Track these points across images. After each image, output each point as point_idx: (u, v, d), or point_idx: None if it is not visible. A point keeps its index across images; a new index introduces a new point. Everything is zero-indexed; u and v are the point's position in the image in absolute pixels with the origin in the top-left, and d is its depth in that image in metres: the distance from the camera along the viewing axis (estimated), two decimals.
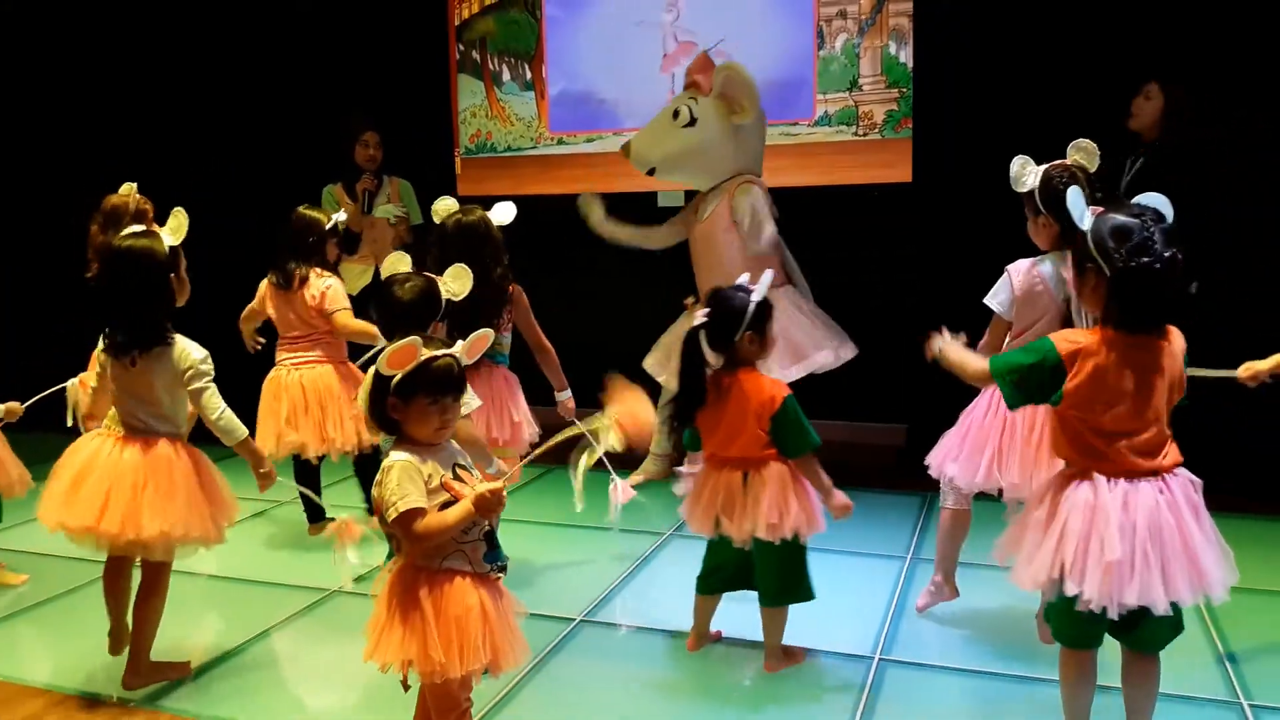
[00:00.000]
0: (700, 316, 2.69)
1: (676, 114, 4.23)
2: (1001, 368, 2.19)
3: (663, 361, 4.21)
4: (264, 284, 3.82)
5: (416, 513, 1.99)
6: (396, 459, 2.03)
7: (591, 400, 3.12)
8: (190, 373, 2.66)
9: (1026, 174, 2.74)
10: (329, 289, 3.70)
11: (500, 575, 2.15)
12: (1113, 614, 2.06)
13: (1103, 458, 2.10)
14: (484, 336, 2.15)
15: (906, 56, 4.95)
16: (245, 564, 3.73)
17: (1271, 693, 2.65)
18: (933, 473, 2.93)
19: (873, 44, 5.01)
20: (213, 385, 2.70)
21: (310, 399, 3.67)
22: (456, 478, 2.09)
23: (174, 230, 2.74)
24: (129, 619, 2.80)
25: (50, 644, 3.11)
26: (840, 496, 2.70)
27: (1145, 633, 2.15)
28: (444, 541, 2.04)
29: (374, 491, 2.05)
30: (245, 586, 3.56)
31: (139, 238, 2.71)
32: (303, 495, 3.94)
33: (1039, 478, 2.54)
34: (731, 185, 4.20)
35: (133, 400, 2.68)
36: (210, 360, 2.71)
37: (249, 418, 3.72)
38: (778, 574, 2.72)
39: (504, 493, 2.02)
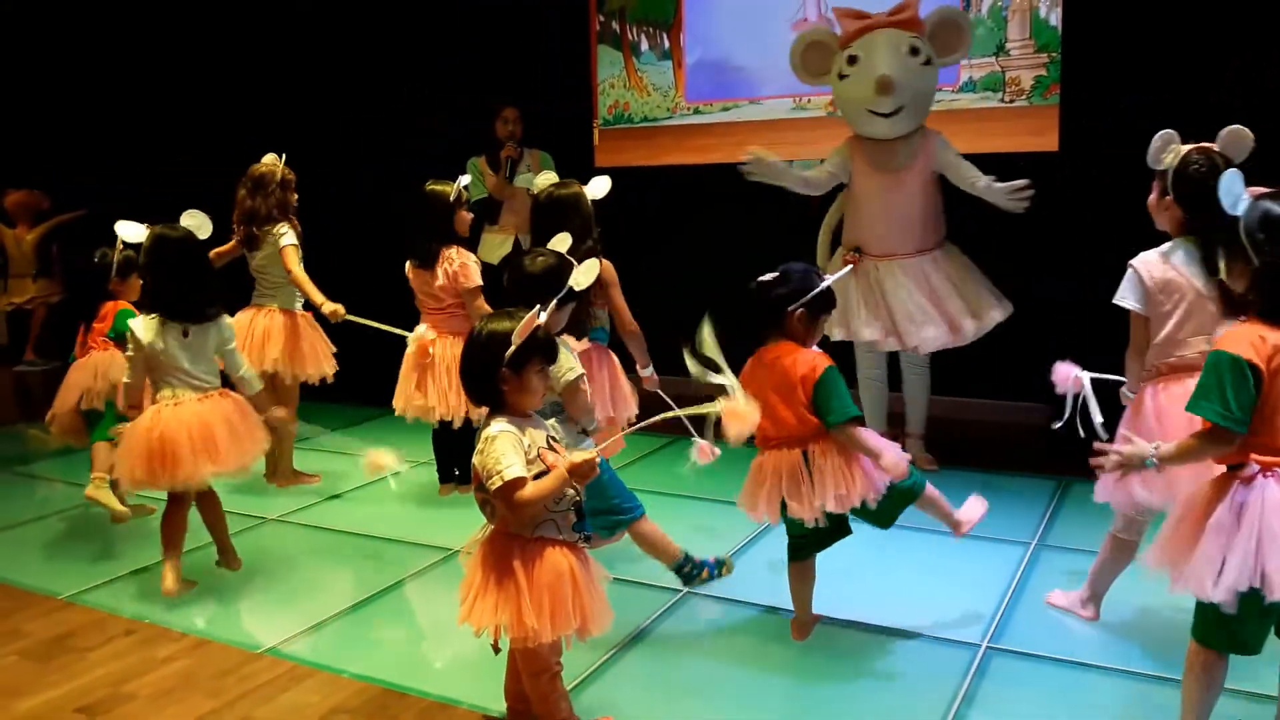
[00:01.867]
0: (766, 277, 2.70)
1: (915, 50, 4.06)
2: (1219, 407, 1.99)
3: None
4: (408, 264, 3.96)
5: (519, 481, 2.07)
6: (500, 429, 2.11)
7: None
8: (229, 335, 3.26)
9: (1167, 152, 2.61)
10: (463, 266, 3.82)
11: (587, 544, 2.22)
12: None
13: (1268, 456, 1.99)
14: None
15: (1057, 19, 4.68)
16: (376, 521, 3.95)
17: None
18: (1100, 497, 2.72)
19: (1022, 6, 4.77)
20: (235, 343, 3.32)
21: (439, 367, 3.84)
22: (549, 447, 2.17)
23: (198, 228, 3.22)
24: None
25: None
26: (890, 454, 2.59)
27: None
28: (539, 510, 2.12)
29: (475, 460, 2.14)
30: (374, 543, 3.76)
31: (176, 228, 3.19)
32: (438, 459, 4.15)
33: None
34: (930, 139, 4.14)
35: (192, 366, 3.16)
36: (232, 324, 3.32)
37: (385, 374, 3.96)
38: (881, 515, 2.71)
39: (597, 462, 2.10)
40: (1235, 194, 2.03)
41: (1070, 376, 2.65)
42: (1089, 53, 4.58)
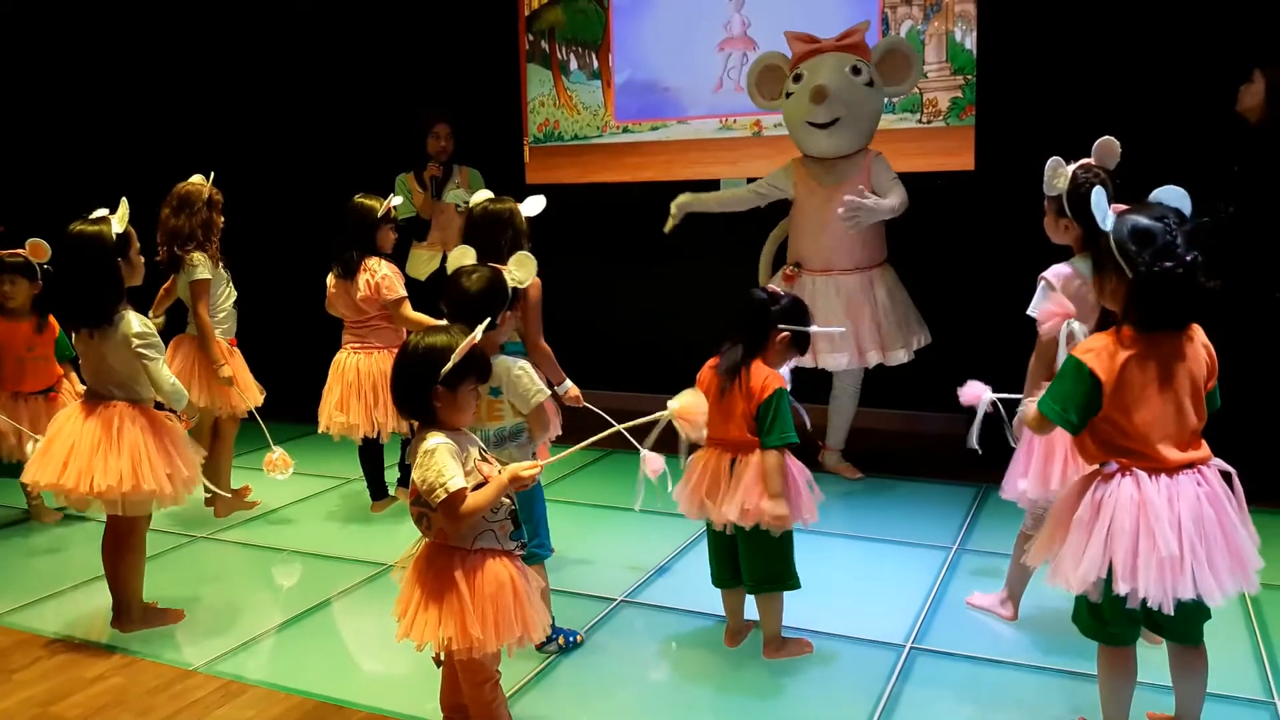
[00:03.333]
0: (764, 292, 2.77)
1: (857, 70, 4.20)
2: (1055, 405, 2.15)
3: None
4: (330, 275, 3.98)
5: (462, 493, 2.10)
6: (438, 442, 2.13)
7: (654, 385, 3.18)
8: (137, 344, 2.94)
9: (1059, 177, 2.75)
10: (384, 278, 3.83)
11: (520, 552, 2.27)
12: (1168, 609, 2.06)
13: (1139, 456, 2.10)
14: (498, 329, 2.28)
15: (971, 43, 4.89)
16: (307, 538, 3.94)
17: None
18: (1005, 496, 2.89)
19: (938, 30, 4.97)
20: (159, 356, 2.98)
21: (364, 383, 3.85)
22: (482, 458, 2.22)
23: (120, 218, 2.99)
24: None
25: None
26: (779, 507, 2.63)
27: (1180, 624, 2.15)
28: (478, 520, 2.16)
29: (415, 475, 2.16)
30: (306, 559, 3.75)
31: (89, 224, 2.97)
32: (367, 475, 4.15)
33: None
34: (869, 156, 4.28)
35: (93, 370, 3.00)
36: (153, 333, 2.98)
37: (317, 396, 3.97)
38: (757, 561, 2.76)
39: (540, 470, 2.21)
40: (1103, 210, 2.12)
41: (978, 395, 2.74)
42: (1003, 76, 4.78)
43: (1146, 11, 4.39)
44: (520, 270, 2.71)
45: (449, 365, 2.14)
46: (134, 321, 2.96)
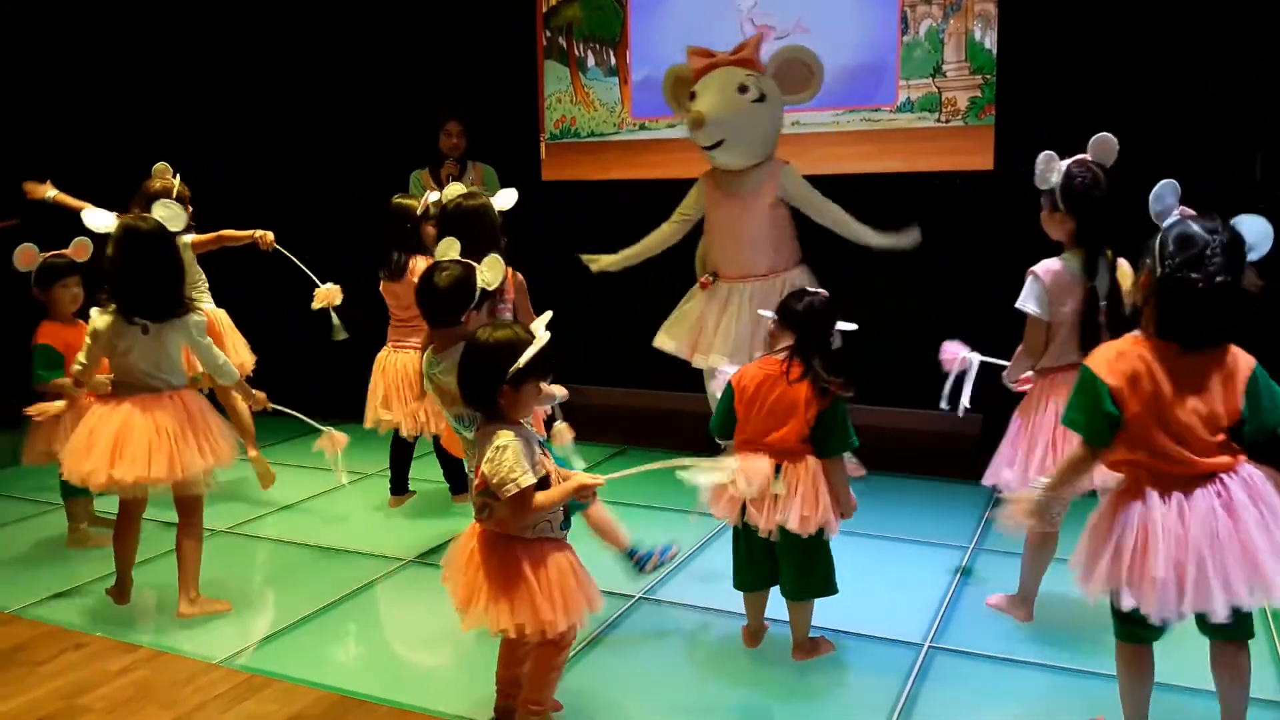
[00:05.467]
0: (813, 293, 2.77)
1: (744, 89, 4.20)
2: (1080, 419, 2.16)
3: (679, 336, 4.38)
4: (381, 273, 3.97)
5: (532, 489, 2.22)
6: (509, 440, 2.23)
7: (668, 383, 3.12)
8: (200, 332, 3.11)
9: (1052, 171, 2.78)
10: None
11: (565, 535, 2.41)
12: (1172, 623, 2.08)
13: (1153, 469, 2.10)
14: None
15: (991, 42, 4.88)
16: (328, 532, 3.96)
17: None
18: (986, 482, 2.93)
19: (957, 29, 4.95)
20: (208, 339, 3.17)
21: (404, 382, 3.87)
22: (541, 453, 2.34)
23: (168, 220, 3.04)
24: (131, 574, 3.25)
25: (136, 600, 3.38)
26: (853, 504, 2.72)
27: (1213, 625, 2.12)
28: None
29: (485, 467, 2.24)
30: (327, 554, 3.77)
31: (144, 220, 3.03)
32: (393, 469, 4.18)
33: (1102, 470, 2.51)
34: (776, 165, 4.29)
35: (150, 361, 3.04)
36: (205, 319, 3.18)
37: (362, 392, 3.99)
38: (803, 568, 2.75)
39: (601, 485, 2.37)
40: (1167, 204, 2.13)
41: (958, 356, 2.80)
42: (1022, 75, 4.76)
43: (1166, 11, 4.37)
44: (490, 272, 2.75)
45: (515, 367, 2.24)
46: (198, 309, 3.14)
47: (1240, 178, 3.97)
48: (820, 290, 2.80)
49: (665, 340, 4.46)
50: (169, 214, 3.04)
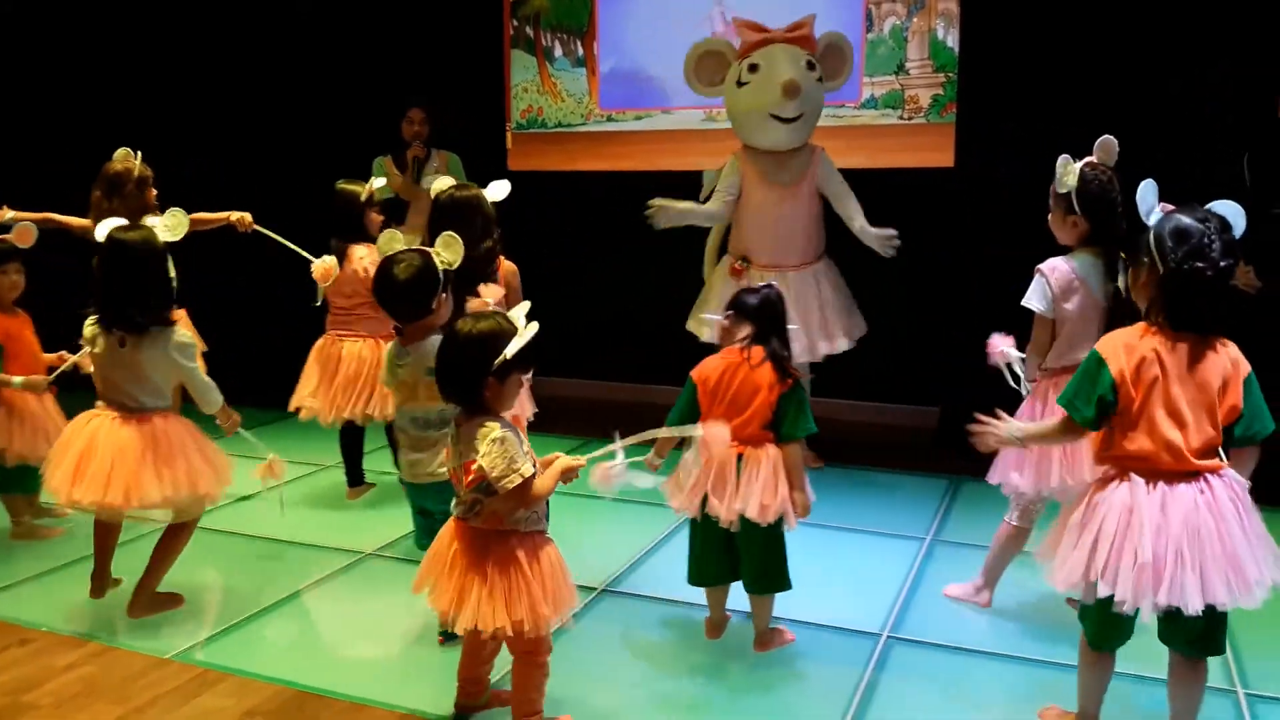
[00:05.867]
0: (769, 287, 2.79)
1: (811, 65, 4.19)
2: (1068, 394, 2.19)
3: (706, 321, 4.28)
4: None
5: (532, 479, 2.19)
6: (501, 432, 2.18)
7: (633, 374, 3.10)
8: (183, 354, 2.94)
9: (1069, 174, 2.79)
10: (374, 264, 3.79)
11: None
12: (1145, 616, 2.10)
13: (1144, 460, 2.12)
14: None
15: (954, 41, 4.91)
16: (281, 524, 3.87)
17: (1268, 683, 2.68)
18: (993, 479, 2.94)
19: (921, 27, 4.99)
20: (194, 363, 2.99)
21: (347, 369, 3.83)
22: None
23: (171, 228, 2.92)
24: (111, 567, 3.14)
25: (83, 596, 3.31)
26: (809, 494, 2.73)
27: (1181, 635, 2.17)
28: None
29: (483, 461, 2.18)
30: (281, 547, 3.73)
31: (135, 230, 2.92)
32: (346, 461, 4.14)
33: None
34: (815, 152, 4.29)
35: (125, 377, 2.92)
36: (193, 343, 3.01)
37: (294, 380, 3.94)
38: (764, 561, 2.76)
39: (584, 464, 2.31)
40: (1150, 204, 2.17)
41: (998, 349, 2.88)
42: (984, 74, 4.81)
43: (1128, 11, 4.42)
44: (448, 251, 2.69)
45: (502, 358, 2.18)
46: (181, 330, 2.96)
47: (1203, 176, 4.02)
48: (772, 283, 2.83)
49: (699, 326, 4.39)
50: (173, 222, 2.93)
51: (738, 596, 2.93)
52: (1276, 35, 4.05)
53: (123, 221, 2.96)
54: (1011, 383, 2.85)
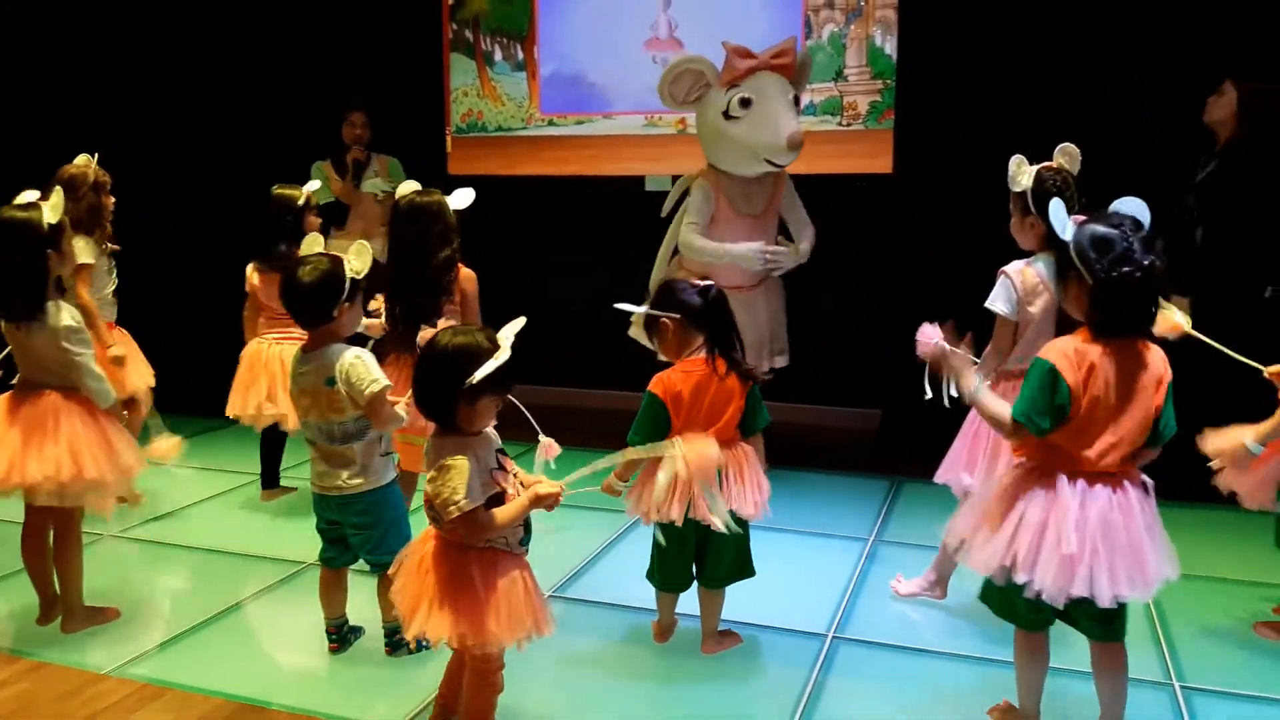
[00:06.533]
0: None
1: (796, 100, 4.21)
2: (1029, 410, 2.18)
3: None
4: (250, 269, 3.89)
5: (475, 511, 2.11)
6: (458, 460, 2.11)
7: (574, 380, 3.06)
8: (65, 339, 2.80)
9: (1022, 174, 2.84)
10: None
11: (524, 552, 2.30)
12: (1058, 604, 2.17)
13: (1072, 462, 2.18)
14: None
15: (891, 48, 5.00)
16: (217, 535, 3.84)
17: (1202, 675, 2.77)
18: (940, 478, 2.99)
19: (859, 34, 5.07)
20: (87, 351, 2.85)
21: (272, 372, 3.79)
22: (499, 466, 2.22)
23: (53, 207, 2.85)
24: (54, 589, 3.04)
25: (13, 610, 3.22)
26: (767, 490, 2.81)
27: (1093, 620, 2.24)
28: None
29: (427, 487, 2.15)
30: (218, 557, 3.65)
31: (18, 210, 2.83)
32: (263, 462, 4.14)
33: None
34: (781, 178, 4.29)
35: (27, 361, 2.88)
36: (82, 328, 2.86)
37: (227, 386, 3.87)
38: (736, 553, 2.80)
39: (563, 490, 2.21)
40: (1062, 220, 2.21)
41: (931, 339, 2.79)
42: (921, 81, 4.89)
43: (1065, 19, 4.52)
44: (358, 259, 2.63)
45: (470, 382, 2.10)
46: (64, 315, 2.82)
47: (1138, 184, 4.11)
48: (704, 280, 2.80)
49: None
50: (56, 201, 2.85)
51: (687, 601, 2.95)
52: (1213, 42, 4.17)
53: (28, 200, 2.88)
54: (930, 391, 2.73)
